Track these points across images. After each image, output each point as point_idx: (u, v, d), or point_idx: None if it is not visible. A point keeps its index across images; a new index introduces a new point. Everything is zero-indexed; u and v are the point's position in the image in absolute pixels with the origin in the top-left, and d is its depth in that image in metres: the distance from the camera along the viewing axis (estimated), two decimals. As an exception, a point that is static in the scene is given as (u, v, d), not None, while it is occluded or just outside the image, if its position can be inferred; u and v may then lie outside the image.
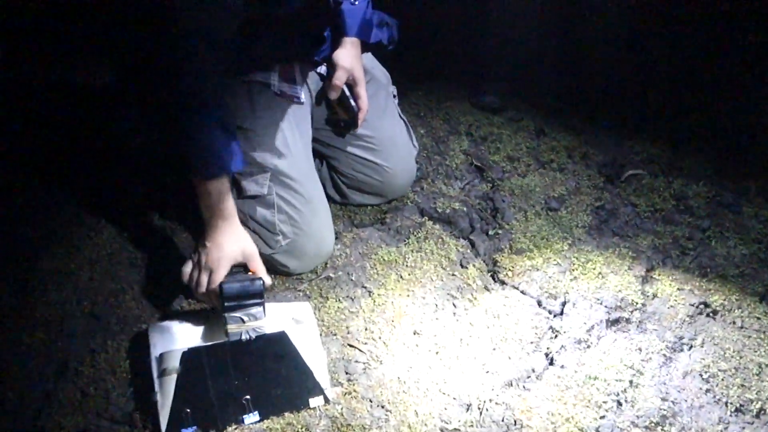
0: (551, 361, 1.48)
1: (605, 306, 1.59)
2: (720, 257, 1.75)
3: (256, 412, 1.32)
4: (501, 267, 1.73)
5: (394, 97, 1.87)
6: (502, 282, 1.70)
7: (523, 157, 2.12)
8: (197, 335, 1.38)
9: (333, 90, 1.65)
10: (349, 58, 1.64)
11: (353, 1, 1.63)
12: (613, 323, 1.56)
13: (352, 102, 1.69)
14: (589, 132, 2.25)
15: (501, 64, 2.34)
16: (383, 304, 1.60)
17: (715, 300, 1.61)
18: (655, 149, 2.16)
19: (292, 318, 1.45)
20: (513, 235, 1.82)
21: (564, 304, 1.61)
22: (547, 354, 1.50)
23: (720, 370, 1.44)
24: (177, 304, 1.55)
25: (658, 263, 1.73)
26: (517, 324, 1.56)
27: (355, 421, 1.34)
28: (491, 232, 1.84)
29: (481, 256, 1.78)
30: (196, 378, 1.30)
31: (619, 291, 1.63)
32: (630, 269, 1.70)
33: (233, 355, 1.33)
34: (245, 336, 1.34)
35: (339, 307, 1.59)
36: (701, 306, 1.60)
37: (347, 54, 1.64)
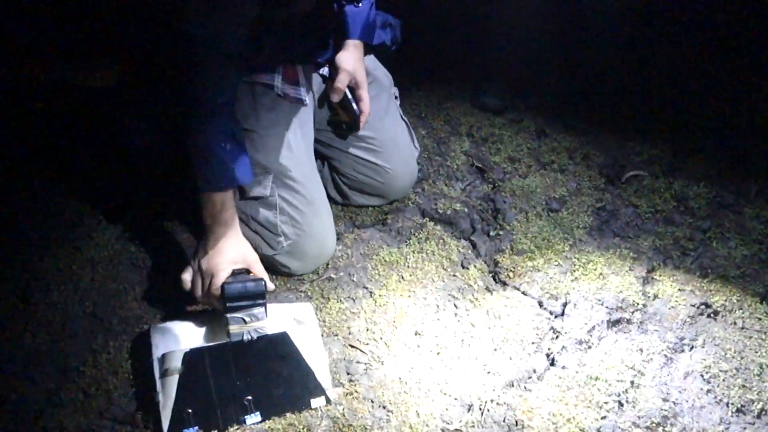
0: (552, 362, 1.48)
1: (606, 307, 1.60)
2: (721, 258, 1.75)
3: (257, 412, 1.32)
4: (502, 268, 1.73)
5: (396, 98, 1.88)
6: (503, 283, 1.70)
7: (524, 158, 2.12)
8: (199, 336, 1.39)
9: (335, 93, 1.65)
10: (351, 60, 1.64)
11: (356, 3, 1.64)
12: (614, 324, 1.56)
13: (354, 105, 1.68)
14: (589, 133, 2.25)
15: (502, 66, 2.34)
16: (384, 305, 1.60)
17: (716, 301, 1.61)
18: (655, 150, 2.16)
19: (293, 319, 1.45)
20: (514, 236, 1.82)
21: (565, 305, 1.61)
22: (548, 354, 1.50)
23: (721, 371, 1.44)
24: (179, 305, 1.55)
25: (659, 264, 1.73)
26: (518, 325, 1.56)
27: (357, 421, 1.34)
28: (492, 233, 1.84)
29: (482, 256, 1.78)
30: (198, 378, 1.30)
31: (620, 292, 1.63)
32: (631, 270, 1.70)
33: (235, 356, 1.34)
34: (247, 336, 1.34)
35: (340, 308, 1.59)
36: (702, 307, 1.60)
37: (350, 57, 1.65)
